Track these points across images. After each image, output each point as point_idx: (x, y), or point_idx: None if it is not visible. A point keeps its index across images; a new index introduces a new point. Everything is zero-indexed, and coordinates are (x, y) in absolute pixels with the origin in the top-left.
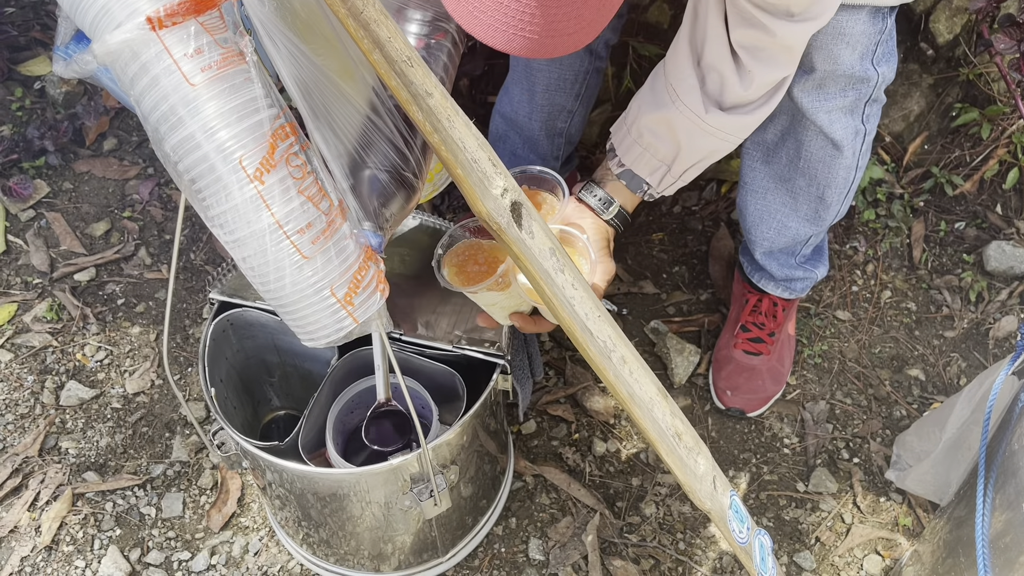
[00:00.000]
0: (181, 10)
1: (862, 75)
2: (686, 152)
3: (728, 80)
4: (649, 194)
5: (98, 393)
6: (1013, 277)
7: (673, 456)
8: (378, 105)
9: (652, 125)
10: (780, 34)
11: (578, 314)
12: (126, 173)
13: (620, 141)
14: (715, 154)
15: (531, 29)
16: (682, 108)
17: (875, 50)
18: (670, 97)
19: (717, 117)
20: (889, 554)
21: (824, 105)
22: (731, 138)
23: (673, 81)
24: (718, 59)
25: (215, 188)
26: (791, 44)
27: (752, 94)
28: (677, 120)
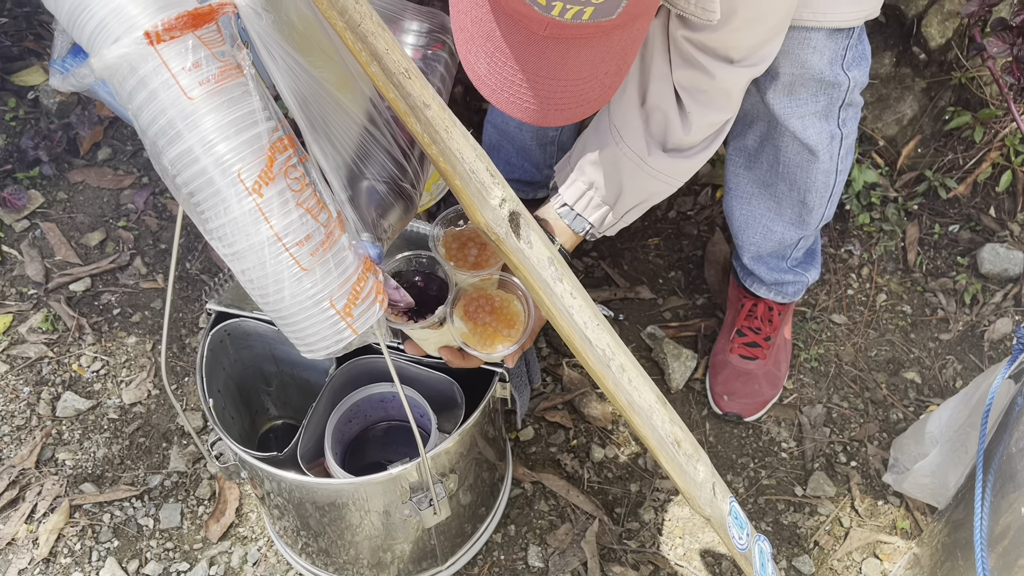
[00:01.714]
0: (179, 24)
1: (832, 80)
2: (628, 192)
3: (671, 121)
4: (591, 233)
5: (95, 404)
6: (1007, 279)
7: (673, 463)
8: (375, 116)
9: (595, 164)
10: (719, 76)
11: (577, 323)
12: (121, 183)
13: (563, 179)
14: (656, 196)
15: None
16: (625, 149)
17: (844, 55)
18: (613, 138)
19: (659, 159)
20: (887, 557)
21: (796, 111)
22: (672, 181)
23: (617, 122)
24: (662, 99)
25: (213, 201)
26: (729, 87)
27: (692, 137)
28: (621, 161)
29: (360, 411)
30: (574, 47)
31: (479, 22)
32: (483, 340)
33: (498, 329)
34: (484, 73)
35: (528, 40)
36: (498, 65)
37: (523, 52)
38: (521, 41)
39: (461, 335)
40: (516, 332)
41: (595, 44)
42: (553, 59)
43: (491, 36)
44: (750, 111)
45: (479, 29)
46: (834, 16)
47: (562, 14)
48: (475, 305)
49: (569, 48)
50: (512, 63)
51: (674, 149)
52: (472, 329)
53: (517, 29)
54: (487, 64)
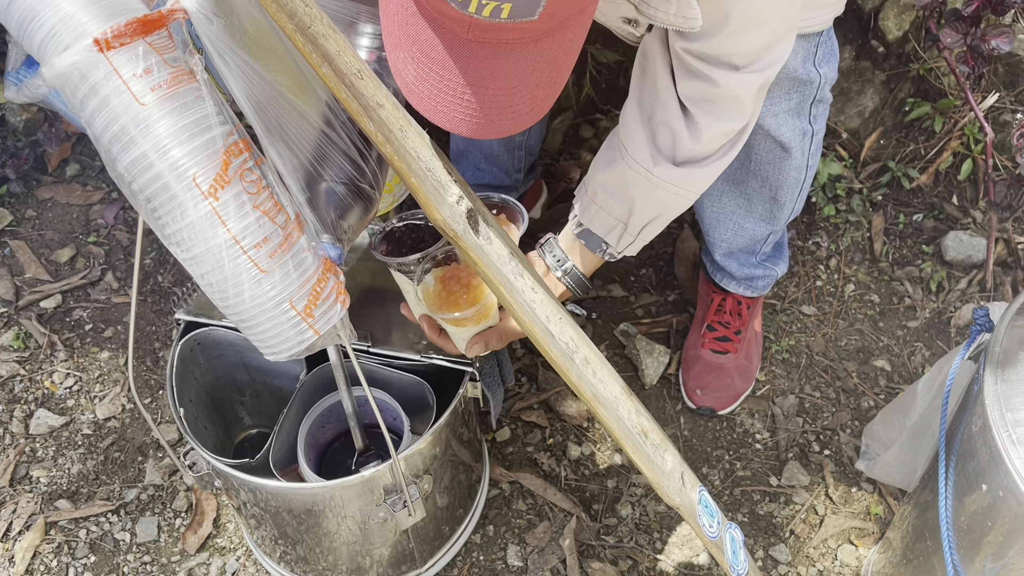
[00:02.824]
0: (128, 31)
1: (805, 77)
2: (640, 208)
3: (679, 134)
4: (609, 253)
5: (68, 420)
6: (971, 266)
7: (640, 454)
8: (332, 119)
9: (605, 182)
10: (724, 84)
11: (539, 317)
12: (90, 198)
13: (578, 200)
14: (671, 209)
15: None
16: (630, 162)
17: (815, 52)
18: (620, 153)
19: (667, 170)
20: (862, 543)
21: (771, 109)
22: (685, 192)
23: (623, 137)
24: (668, 113)
25: (170, 206)
26: (736, 93)
27: (703, 147)
28: (627, 175)
29: (333, 416)
30: (500, 53)
31: (405, 26)
32: (440, 303)
33: (457, 302)
34: (411, 80)
35: (453, 44)
36: (424, 71)
37: (449, 57)
38: (447, 45)
39: (423, 289)
40: (474, 311)
41: (522, 51)
42: (480, 65)
43: (417, 40)
44: None
45: (405, 33)
46: (809, 21)
47: (479, 11)
48: (454, 275)
49: (495, 54)
50: (439, 70)
51: (685, 161)
52: (438, 291)
53: (441, 32)
54: (414, 70)
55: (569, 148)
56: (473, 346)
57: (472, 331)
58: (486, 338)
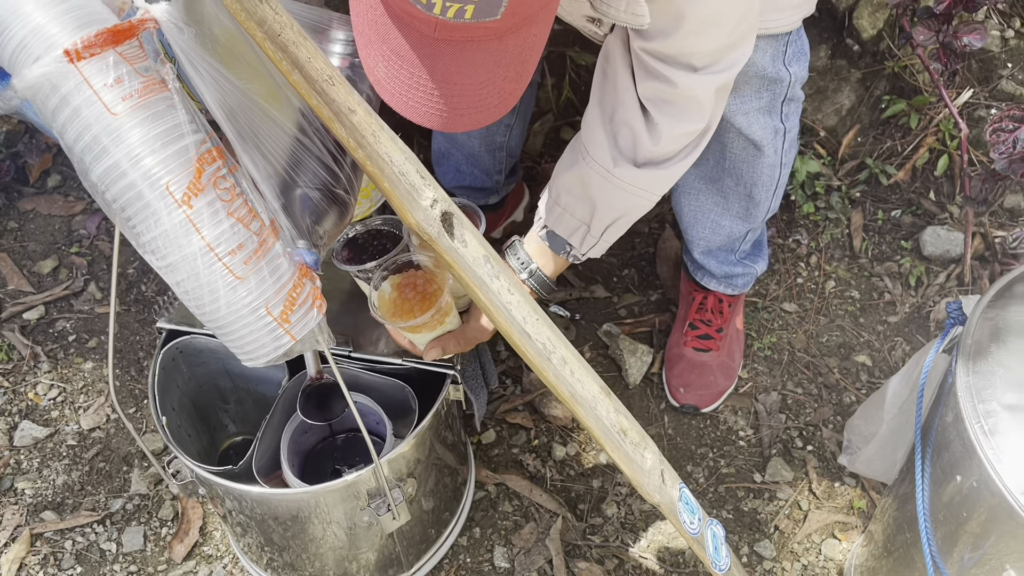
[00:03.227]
0: (98, 41)
1: (775, 76)
2: (602, 210)
3: (639, 135)
4: (573, 255)
5: (52, 431)
6: (949, 260)
7: (619, 452)
8: (305, 125)
9: (568, 184)
10: (682, 85)
11: (515, 319)
12: (72, 209)
13: (543, 203)
14: (633, 210)
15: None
16: (591, 163)
17: (785, 51)
18: (581, 155)
19: (628, 172)
20: (846, 537)
21: (741, 107)
22: (646, 193)
23: (585, 139)
24: (629, 114)
25: (144, 215)
26: (695, 94)
27: (663, 149)
28: (589, 176)
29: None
30: (467, 50)
31: (375, 25)
32: (393, 310)
33: (412, 309)
34: (383, 77)
35: (420, 42)
36: (395, 68)
37: (418, 55)
38: (415, 44)
39: (379, 296)
40: (427, 317)
41: (488, 48)
42: (447, 62)
43: (387, 39)
44: None
45: (375, 32)
46: (777, 21)
47: (443, 12)
48: (410, 282)
49: (462, 51)
50: (408, 67)
51: (646, 162)
52: (392, 299)
53: (409, 32)
54: (385, 68)
55: (550, 151)
56: (430, 350)
57: (429, 336)
58: (443, 343)
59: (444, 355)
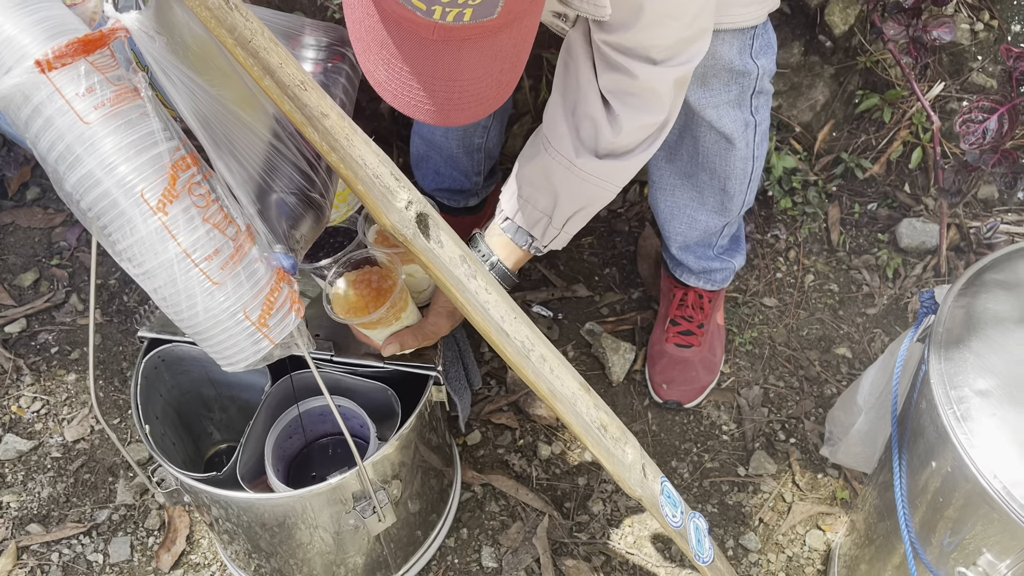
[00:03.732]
0: (70, 51)
1: (742, 69)
2: (564, 200)
3: (601, 127)
4: (535, 247)
5: (36, 444)
6: (925, 252)
7: (600, 447)
8: (279, 131)
9: (530, 175)
10: (642, 77)
11: (493, 318)
12: (51, 221)
13: (504, 194)
14: (595, 202)
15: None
16: (554, 154)
17: (752, 44)
18: (544, 146)
19: (589, 162)
20: (829, 527)
21: (711, 101)
22: (607, 184)
23: (547, 131)
24: (591, 106)
25: (119, 223)
26: (654, 86)
27: (624, 140)
28: (551, 167)
29: (299, 426)
30: (465, 49)
31: (372, 31)
32: (347, 307)
33: (367, 306)
34: (383, 79)
35: (420, 45)
36: (395, 71)
37: (417, 57)
38: (414, 47)
39: (333, 294)
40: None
41: (484, 44)
42: (447, 62)
43: (385, 44)
44: None
45: (373, 38)
46: (743, 16)
47: (443, 17)
48: (365, 279)
49: (460, 50)
50: (408, 69)
51: (607, 154)
52: (348, 296)
53: (407, 35)
54: (385, 71)
55: None
56: (387, 346)
57: (387, 331)
58: (401, 338)
59: (402, 351)
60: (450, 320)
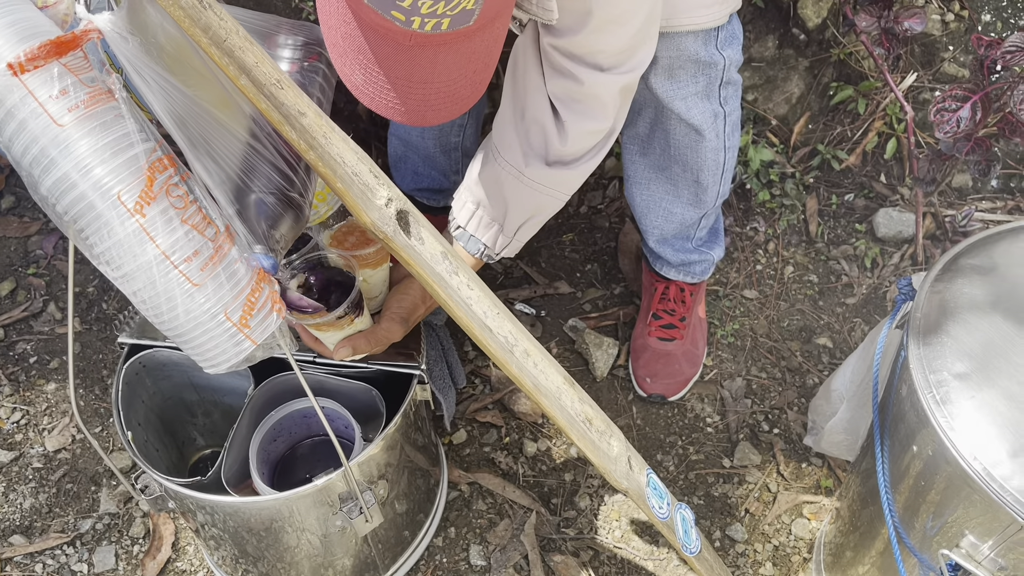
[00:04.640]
0: (42, 53)
1: (708, 60)
2: (514, 209)
3: (548, 132)
4: (487, 255)
5: (17, 455)
6: (902, 240)
7: (585, 440)
8: (257, 131)
9: (480, 183)
10: (588, 82)
11: (476, 314)
12: (27, 230)
13: (455, 203)
14: (544, 210)
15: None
16: (504, 164)
17: (717, 36)
18: (493, 155)
19: (539, 171)
20: (815, 516)
21: (679, 92)
22: (555, 192)
23: (496, 139)
24: (538, 111)
25: (96, 225)
26: (599, 93)
27: (571, 148)
28: (501, 176)
29: (284, 429)
30: (440, 53)
31: (349, 38)
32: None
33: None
34: (360, 83)
35: (396, 51)
36: (372, 75)
37: (394, 62)
38: (390, 52)
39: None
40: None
41: (459, 48)
42: (423, 66)
43: (362, 50)
44: (638, 99)
45: (350, 44)
46: (705, 18)
47: (422, 27)
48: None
49: (436, 54)
50: (386, 73)
51: (556, 161)
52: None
53: (384, 42)
54: (362, 75)
55: None
56: (340, 350)
57: (339, 335)
58: (353, 342)
59: (354, 355)
60: (403, 326)
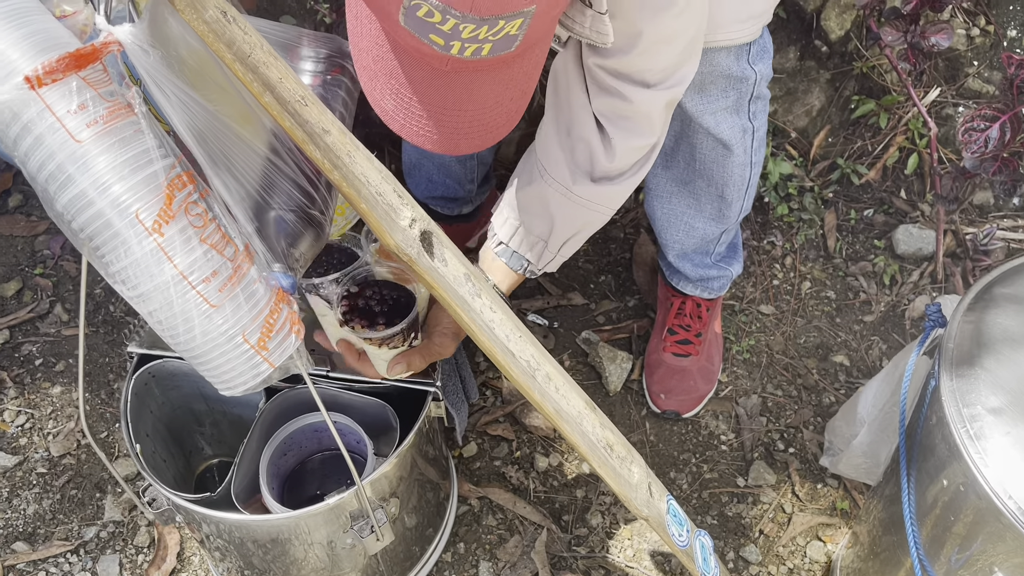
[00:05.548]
0: (60, 67)
1: (740, 75)
2: (560, 225)
3: (595, 150)
4: (530, 271)
5: (21, 459)
6: (922, 258)
7: (606, 468)
8: (278, 146)
9: (525, 201)
10: (636, 100)
11: (498, 337)
12: (35, 229)
13: (497, 219)
14: (590, 226)
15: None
16: (551, 181)
17: (749, 50)
18: (539, 172)
19: (586, 188)
20: (830, 539)
21: (709, 107)
22: (602, 208)
23: (541, 156)
24: (584, 129)
25: (113, 244)
26: (648, 111)
27: (618, 164)
28: (548, 193)
29: (294, 443)
30: (477, 80)
31: (381, 60)
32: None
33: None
34: (391, 109)
35: (432, 76)
36: (404, 101)
37: (428, 88)
38: (425, 77)
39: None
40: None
41: (497, 75)
42: (458, 92)
43: (394, 74)
44: None
45: (382, 67)
46: (740, 33)
47: (461, 52)
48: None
49: (472, 81)
50: (418, 99)
51: (602, 177)
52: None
53: (419, 66)
54: (393, 101)
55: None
56: (395, 367)
57: (392, 353)
58: (408, 358)
59: (408, 371)
60: (455, 340)
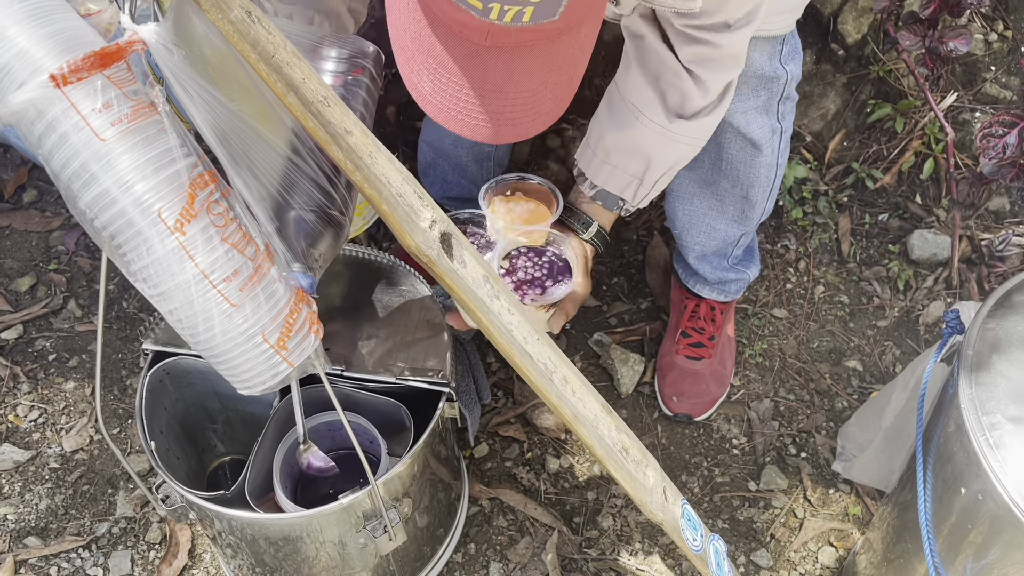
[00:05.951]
0: (85, 65)
1: (772, 74)
2: (656, 163)
3: (688, 92)
4: (625, 209)
5: (34, 454)
6: (937, 263)
7: (622, 471)
8: (298, 146)
9: (618, 143)
10: (725, 45)
11: (516, 339)
12: (49, 224)
13: (588, 164)
14: (682, 160)
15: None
16: (646, 122)
17: (781, 49)
18: (633, 115)
19: (681, 125)
20: (842, 544)
21: (740, 106)
22: (697, 142)
23: (633, 99)
24: (675, 77)
25: (135, 243)
26: (735, 50)
27: (710, 99)
28: (643, 135)
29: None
30: (519, 57)
31: (418, 38)
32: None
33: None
34: (428, 91)
35: (471, 53)
36: (442, 81)
37: (467, 65)
38: (464, 54)
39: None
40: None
41: (540, 51)
42: (499, 70)
43: (432, 51)
44: None
45: (419, 45)
46: (774, 25)
47: (500, 16)
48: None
49: (513, 58)
50: (457, 78)
51: (696, 113)
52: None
53: (458, 42)
54: (431, 82)
55: (536, 158)
56: (556, 321)
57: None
58: (565, 309)
59: (566, 321)
60: (588, 278)
